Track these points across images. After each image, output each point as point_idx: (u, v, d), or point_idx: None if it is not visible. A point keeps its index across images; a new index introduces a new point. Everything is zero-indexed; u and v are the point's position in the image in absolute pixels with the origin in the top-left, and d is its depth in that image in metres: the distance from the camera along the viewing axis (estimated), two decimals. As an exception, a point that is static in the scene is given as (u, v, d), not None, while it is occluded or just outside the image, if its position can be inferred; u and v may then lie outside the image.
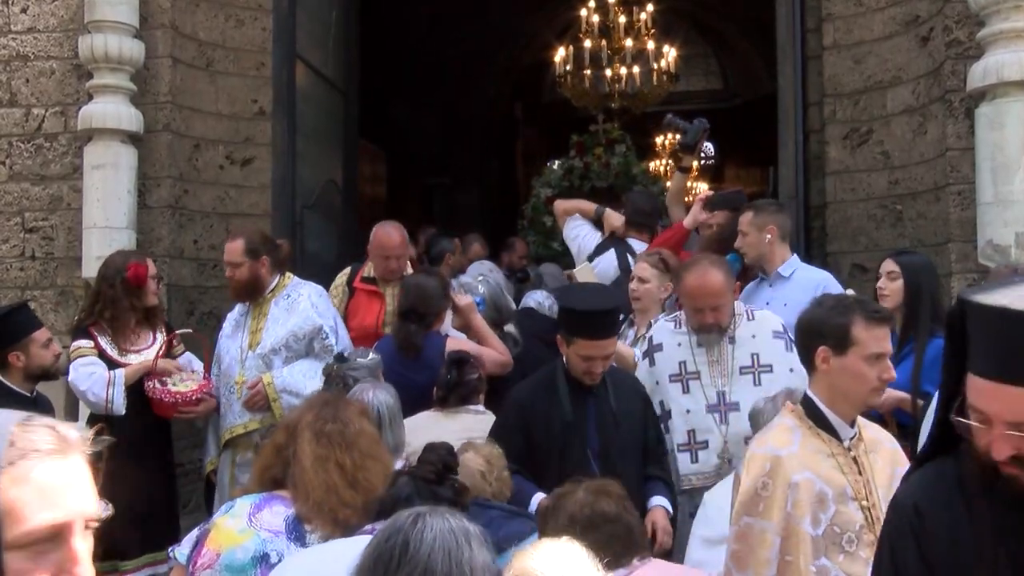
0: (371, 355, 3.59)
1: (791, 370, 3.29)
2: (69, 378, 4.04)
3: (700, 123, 4.72)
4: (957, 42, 4.72)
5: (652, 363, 3.61)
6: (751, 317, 3.58)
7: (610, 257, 4.88)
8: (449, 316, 4.21)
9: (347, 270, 4.84)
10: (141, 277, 4.06)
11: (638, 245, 4.88)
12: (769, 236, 4.05)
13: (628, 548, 2.27)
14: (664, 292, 4.06)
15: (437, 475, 2.32)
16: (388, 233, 4.54)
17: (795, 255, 4.21)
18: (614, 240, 4.96)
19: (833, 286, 3.86)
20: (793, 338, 3.19)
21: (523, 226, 8.14)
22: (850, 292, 3.36)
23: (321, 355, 4.07)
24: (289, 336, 4.10)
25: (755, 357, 3.47)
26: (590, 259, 4.92)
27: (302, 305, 4.16)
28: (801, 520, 2.24)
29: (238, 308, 4.35)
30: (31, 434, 1.10)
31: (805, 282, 3.93)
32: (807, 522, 2.24)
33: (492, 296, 4.39)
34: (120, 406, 3.95)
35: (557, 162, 8.36)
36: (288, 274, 4.34)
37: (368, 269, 4.69)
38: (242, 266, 4.15)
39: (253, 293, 4.21)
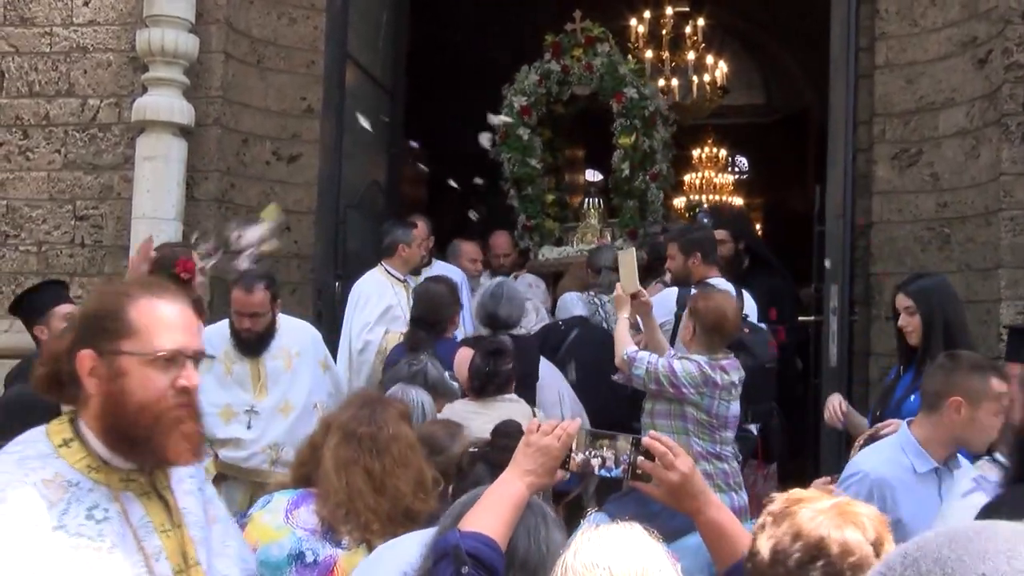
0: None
1: None
2: None
3: None
4: (1017, 65, 4.66)
5: None
6: None
7: (668, 296, 4.28)
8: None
9: None
10: (190, 271, 4.10)
11: (718, 283, 4.19)
12: None
13: None
14: None
15: None
16: None
17: None
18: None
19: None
20: None
21: (495, 141, 6.74)
22: None
23: None
24: None
25: None
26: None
27: None
28: None
29: None
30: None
31: None
32: None
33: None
34: None
35: (529, 66, 6.97)
36: None
37: None
38: None
39: None
